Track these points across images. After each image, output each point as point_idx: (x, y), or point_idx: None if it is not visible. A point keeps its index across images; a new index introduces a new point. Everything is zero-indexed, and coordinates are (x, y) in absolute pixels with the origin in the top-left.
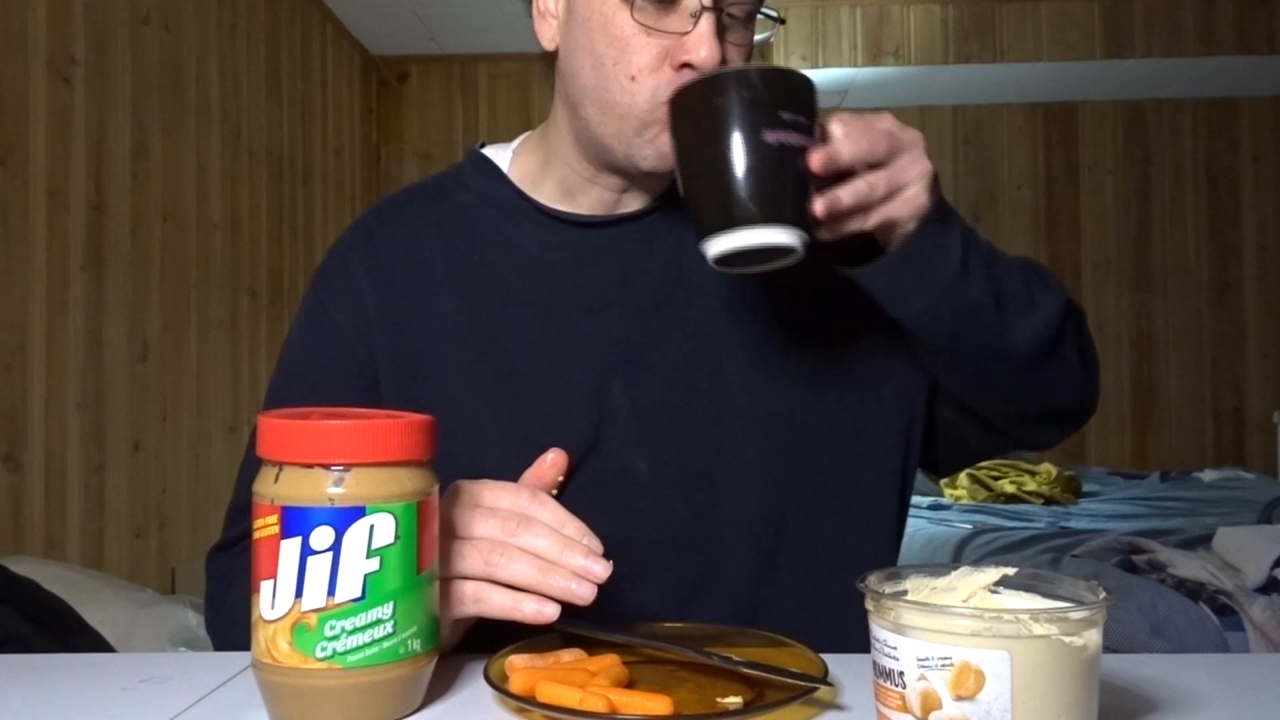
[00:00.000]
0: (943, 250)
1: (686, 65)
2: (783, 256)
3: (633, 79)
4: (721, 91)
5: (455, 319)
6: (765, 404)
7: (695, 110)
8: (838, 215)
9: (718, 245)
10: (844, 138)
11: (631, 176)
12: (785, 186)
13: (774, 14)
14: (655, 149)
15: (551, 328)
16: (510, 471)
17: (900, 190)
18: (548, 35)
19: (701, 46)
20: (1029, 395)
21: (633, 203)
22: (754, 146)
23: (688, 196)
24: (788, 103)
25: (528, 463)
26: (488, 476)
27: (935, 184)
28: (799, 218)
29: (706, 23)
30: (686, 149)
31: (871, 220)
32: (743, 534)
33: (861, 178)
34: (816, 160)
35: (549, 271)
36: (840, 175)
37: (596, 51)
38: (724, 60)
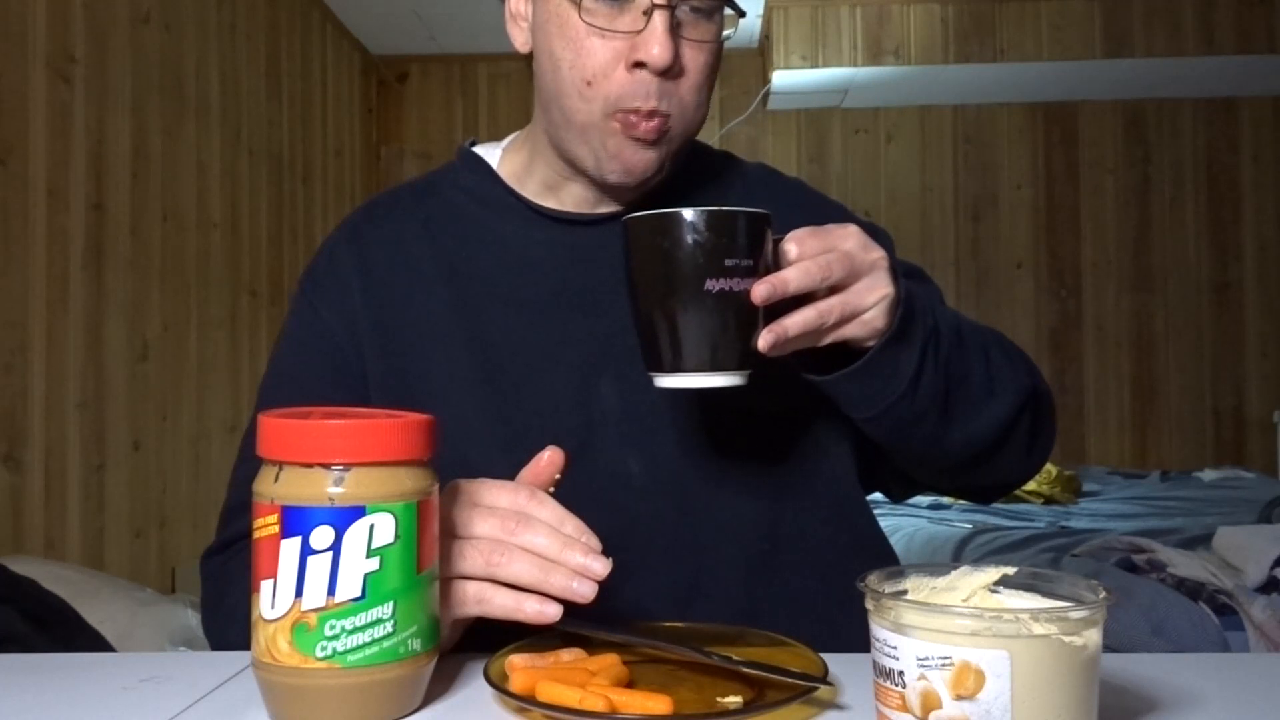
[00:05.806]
0: (894, 371)
1: (639, 64)
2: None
3: (588, 84)
4: (667, 233)
5: (443, 316)
6: (758, 402)
7: (643, 245)
8: (784, 343)
9: (660, 381)
10: (795, 265)
11: (602, 187)
12: (726, 333)
13: (738, 7)
14: (620, 164)
15: (540, 325)
16: (498, 470)
17: (856, 315)
18: (520, 39)
19: (653, 44)
20: (963, 477)
21: (617, 200)
22: (696, 296)
23: (634, 324)
24: (734, 247)
25: (516, 461)
26: (475, 475)
27: (896, 305)
28: (740, 360)
29: (659, 20)
30: (631, 280)
31: (824, 341)
32: (736, 539)
33: (813, 305)
34: (760, 294)
35: (537, 269)
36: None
37: (555, 54)
38: (678, 57)
